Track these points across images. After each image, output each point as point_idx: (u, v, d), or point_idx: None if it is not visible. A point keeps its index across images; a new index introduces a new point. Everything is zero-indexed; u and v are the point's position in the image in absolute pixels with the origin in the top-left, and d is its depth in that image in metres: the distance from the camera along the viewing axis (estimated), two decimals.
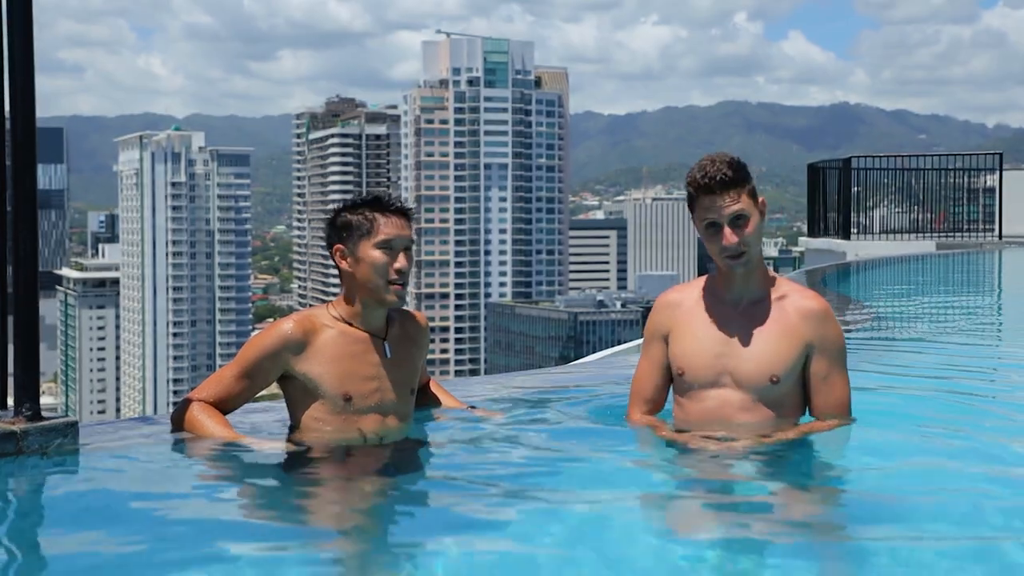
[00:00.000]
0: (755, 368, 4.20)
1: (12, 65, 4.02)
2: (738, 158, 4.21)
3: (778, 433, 4.21)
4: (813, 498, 3.82)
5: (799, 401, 4.31)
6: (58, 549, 3.30)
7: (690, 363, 4.30)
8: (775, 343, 4.21)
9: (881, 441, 4.35)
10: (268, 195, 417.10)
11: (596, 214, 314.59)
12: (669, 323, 4.38)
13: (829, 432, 4.26)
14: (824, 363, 4.25)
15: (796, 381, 4.25)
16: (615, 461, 4.21)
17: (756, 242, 4.17)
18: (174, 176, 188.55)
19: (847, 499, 3.80)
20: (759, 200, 4.21)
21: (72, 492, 3.88)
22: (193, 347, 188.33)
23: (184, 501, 3.74)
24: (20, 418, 4.01)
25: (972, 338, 9.01)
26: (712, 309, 4.30)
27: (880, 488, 3.86)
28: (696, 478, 4.04)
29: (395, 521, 3.68)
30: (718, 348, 4.25)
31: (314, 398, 4.30)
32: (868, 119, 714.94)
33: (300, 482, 4.00)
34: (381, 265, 4.30)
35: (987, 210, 24.79)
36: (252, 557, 3.15)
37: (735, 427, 4.22)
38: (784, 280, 4.35)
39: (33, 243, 4.04)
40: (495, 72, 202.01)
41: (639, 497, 3.79)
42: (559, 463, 4.15)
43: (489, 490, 3.85)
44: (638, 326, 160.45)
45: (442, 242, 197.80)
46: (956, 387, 6.02)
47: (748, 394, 4.22)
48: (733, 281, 4.27)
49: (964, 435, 4.63)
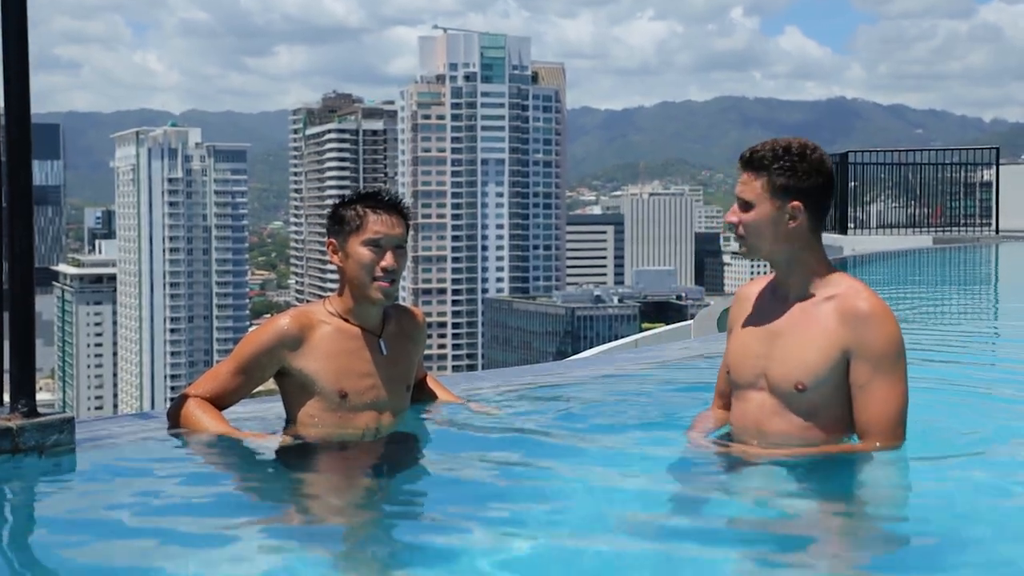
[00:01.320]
0: (783, 373, 3.93)
1: (7, 61, 4.01)
2: (793, 149, 3.92)
3: (794, 449, 3.93)
4: (804, 524, 3.52)
5: (842, 415, 3.93)
6: (54, 545, 3.28)
7: (733, 361, 4.12)
8: (804, 348, 3.90)
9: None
10: (265, 191, 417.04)
11: (593, 209, 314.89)
12: (736, 317, 4.19)
13: (854, 454, 3.89)
14: (864, 370, 3.85)
15: (833, 391, 3.90)
16: (612, 457, 4.20)
17: (755, 235, 3.96)
18: (171, 172, 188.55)
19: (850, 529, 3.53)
20: (790, 202, 3.90)
21: (68, 488, 3.88)
22: (190, 343, 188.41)
23: (180, 497, 3.74)
24: (16, 414, 4.01)
25: (971, 336, 9.01)
26: (766, 305, 4.08)
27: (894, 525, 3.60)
28: (689, 485, 3.96)
29: (391, 516, 3.66)
30: (759, 347, 4.02)
31: (310, 394, 4.30)
32: (865, 114, 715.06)
33: (296, 478, 4.00)
34: (367, 263, 4.29)
35: (984, 204, 24.81)
36: (249, 552, 3.14)
37: (767, 434, 3.99)
38: (843, 277, 3.99)
39: (29, 239, 4.03)
40: (492, 67, 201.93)
41: (637, 493, 3.78)
42: (555, 458, 4.14)
43: (484, 486, 3.85)
44: (635, 321, 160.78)
45: (439, 238, 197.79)
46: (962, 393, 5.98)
47: (778, 400, 3.97)
48: (779, 276, 4.04)
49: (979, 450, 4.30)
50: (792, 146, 3.92)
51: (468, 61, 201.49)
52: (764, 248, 3.99)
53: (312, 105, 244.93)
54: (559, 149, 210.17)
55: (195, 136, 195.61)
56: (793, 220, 3.92)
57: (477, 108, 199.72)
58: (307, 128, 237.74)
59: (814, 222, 3.95)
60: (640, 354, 8.04)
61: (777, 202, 3.91)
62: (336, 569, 3.11)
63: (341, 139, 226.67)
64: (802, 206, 3.91)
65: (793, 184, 3.90)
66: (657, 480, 3.99)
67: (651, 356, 7.52)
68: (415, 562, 3.13)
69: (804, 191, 3.91)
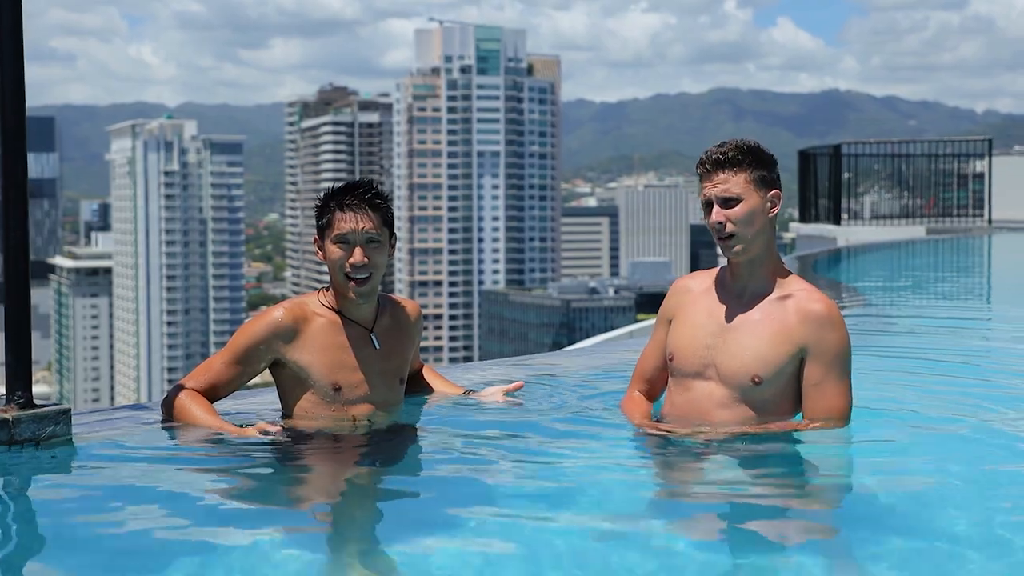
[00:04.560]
0: (738, 366, 4.08)
1: (2, 54, 4.02)
2: (756, 145, 4.13)
3: (748, 427, 4.08)
4: (775, 494, 3.73)
5: (791, 408, 4.14)
6: (50, 536, 3.31)
7: (679, 349, 4.23)
8: (763, 343, 4.06)
9: (866, 432, 4.21)
10: (261, 183, 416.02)
11: (588, 201, 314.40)
12: (676, 307, 4.32)
13: (809, 431, 4.08)
14: (818, 369, 4.05)
15: (785, 386, 4.09)
16: (607, 448, 4.22)
17: (747, 227, 4.06)
18: (167, 165, 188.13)
19: (817, 497, 3.75)
20: (769, 192, 4.10)
21: (65, 480, 3.89)
22: (186, 335, 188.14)
23: (176, 489, 3.74)
24: (12, 406, 4.03)
25: (963, 323, 9.04)
26: (715, 299, 4.21)
27: (850, 485, 3.83)
28: (668, 470, 4.05)
29: (385, 509, 3.68)
30: (709, 339, 4.15)
31: (304, 387, 4.32)
32: (858, 105, 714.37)
33: (290, 470, 4.02)
34: (336, 259, 4.27)
35: (976, 195, 24.85)
36: (244, 544, 3.16)
37: (714, 424, 4.12)
38: (797, 279, 4.19)
39: (24, 231, 4.05)
40: (487, 60, 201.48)
41: (635, 486, 3.80)
42: (553, 450, 4.16)
43: (479, 477, 3.87)
44: (631, 313, 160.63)
45: (435, 230, 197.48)
46: (948, 371, 6.04)
47: (730, 391, 4.11)
48: (738, 271, 4.17)
49: (952, 423, 4.55)
50: (750, 143, 4.15)
51: (463, 53, 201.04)
52: (755, 239, 4.10)
53: (308, 98, 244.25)
54: (554, 141, 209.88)
55: (191, 129, 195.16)
56: (773, 208, 4.13)
57: (473, 100, 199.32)
58: (303, 121, 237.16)
59: (777, 213, 4.17)
60: (636, 344, 8.05)
61: (761, 192, 4.10)
62: (329, 561, 3.11)
63: (337, 132, 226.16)
64: (779, 194, 4.15)
65: (767, 175, 4.12)
66: (654, 472, 4.03)
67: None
68: (408, 554, 3.13)
69: (776, 181, 4.16)
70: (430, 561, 3.04)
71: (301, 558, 3.09)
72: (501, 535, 3.25)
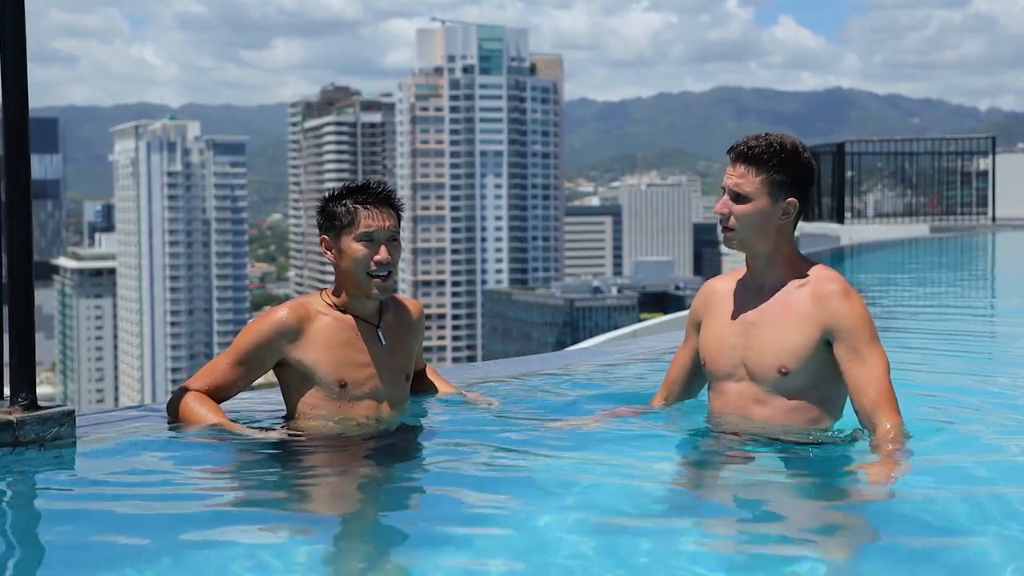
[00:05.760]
0: (764, 359, 4.04)
1: (5, 55, 4.03)
2: (791, 148, 4.02)
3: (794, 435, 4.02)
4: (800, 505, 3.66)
5: (829, 395, 4.07)
6: (55, 538, 3.31)
7: (709, 354, 4.21)
8: (785, 333, 4.01)
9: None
10: (264, 184, 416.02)
11: (591, 200, 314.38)
12: (702, 311, 4.30)
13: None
14: (848, 344, 3.97)
15: (816, 371, 4.02)
16: (609, 447, 4.20)
17: (748, 227, 4.03)
18: (170, 165, 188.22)
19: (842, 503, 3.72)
20: (786, 198, 4.03)
21: (69, 481, 3.89)
22: (191, 336, 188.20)
23: (181, 489, 3.74)
24: (17, 407, 4.03)
25: (967, 322, 9.04)
26: (738, 298, 4.17)
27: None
28: (682, 471, 4.05)
29: (390, 507, 3.67)
30: (734, 339, 4.12)
31: (309, 385, 4.32)
32: (861, 103, 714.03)
33: (296, 469, 4.01)
34: (362, 258, 4.29)
35: (980, 193, 24.83)
36: (249, 544, 3.16)
37: (750, 421, 4.09)
38: (816, 267, 4.12)
39: (27, 232, 4.05)
40: (490, 59, 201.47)
41: (635, 484, 3.79)
42: (554, 449, 4.16)
43: (483, 476, 3.87)
44: (634, 312, 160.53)
45: (438, 230, 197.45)
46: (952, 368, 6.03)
47: (760, 386, 4.07)
48: (754, 267, 4.14)
49: (966, 424, 4.54)
50: (786, 144, 4.03)
51: (466, 53, 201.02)
52: (753, 240, 4.07)
53: (310, 98, 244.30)
54: (557, 141, 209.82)
55: (194, 129, 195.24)
56: (786, 216, 4.05)
57: (475, 100, 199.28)
58: (305, 121, 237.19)
59: (797, 218, 4.09)
60: (639, 343, 8.05)
61: (774, 198, 4.03)
62: (335, 560, 3.11)
63: (339, 132, 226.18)
64: (797, 203, 4.05)
65: (790, 181, 4.02)
66: (655, 469, 4.02)
67: (650, 346, 7.52)
68: (414, 553, 3.14)
69: (798, 189, 4.05)
70: (436, 561, 3.03)
71: (309, 558, 3.08)
72: (507, 532, 3.24)
